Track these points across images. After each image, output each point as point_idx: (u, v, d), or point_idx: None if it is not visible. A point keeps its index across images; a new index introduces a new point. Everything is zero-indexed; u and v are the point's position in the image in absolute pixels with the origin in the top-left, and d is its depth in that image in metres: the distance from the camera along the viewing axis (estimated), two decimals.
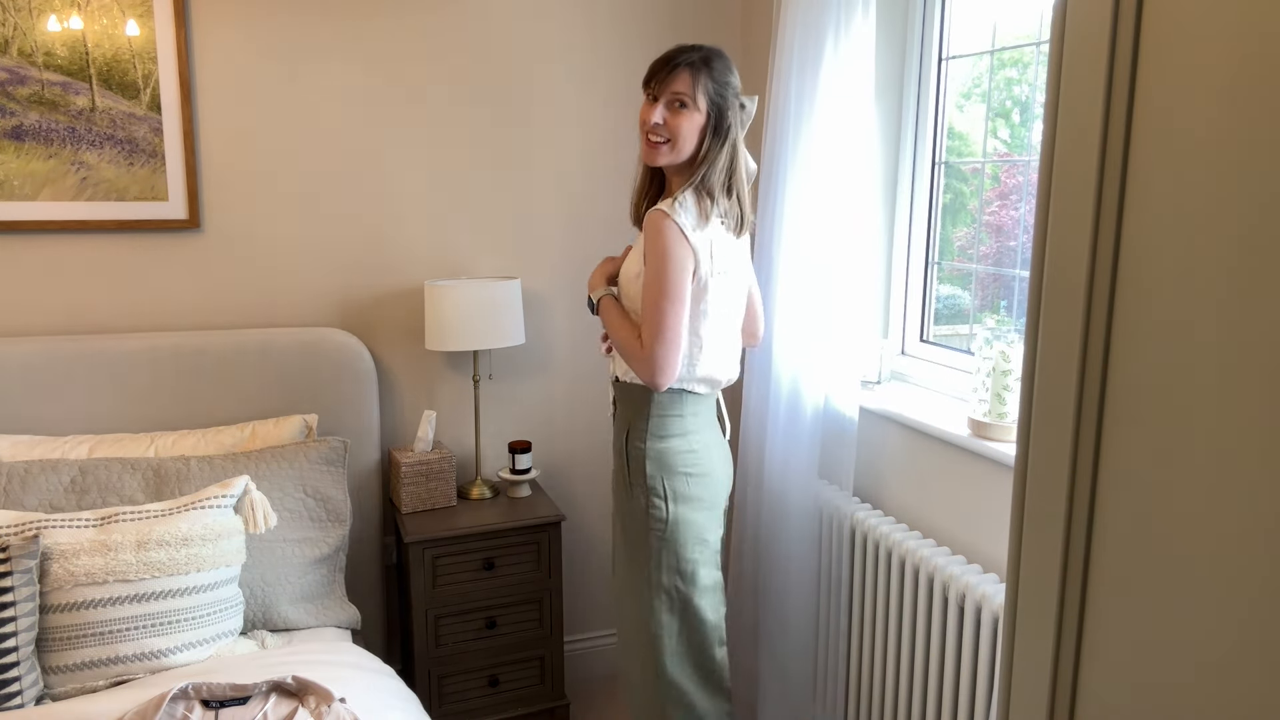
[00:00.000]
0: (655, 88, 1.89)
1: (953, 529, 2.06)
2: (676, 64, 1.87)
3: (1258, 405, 0.65)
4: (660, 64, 1.89)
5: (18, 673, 1.80)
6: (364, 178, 2.60)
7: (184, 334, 2.42)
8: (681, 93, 1.87)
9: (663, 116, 1.88)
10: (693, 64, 1.87)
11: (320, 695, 1.66)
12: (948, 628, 1.91)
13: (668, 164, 1.93)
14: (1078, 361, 0.79)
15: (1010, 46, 2.12)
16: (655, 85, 1.89)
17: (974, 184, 2.28)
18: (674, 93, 1.87)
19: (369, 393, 2.55)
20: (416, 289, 2.68)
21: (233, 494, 2.09)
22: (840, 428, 2.29)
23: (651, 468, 1.98)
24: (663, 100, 1.88)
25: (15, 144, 2.28)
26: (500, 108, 2.69)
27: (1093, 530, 0.80)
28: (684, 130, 1.88)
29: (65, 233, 2.37)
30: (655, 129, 1.88)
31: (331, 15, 2.50)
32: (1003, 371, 1.89)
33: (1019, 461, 0.86)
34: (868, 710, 2.21)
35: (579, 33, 2.72)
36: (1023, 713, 0.88)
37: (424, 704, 2.23)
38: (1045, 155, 0.81)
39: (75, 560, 1.89)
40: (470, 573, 2.51)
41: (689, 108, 1.87)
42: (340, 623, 2.27)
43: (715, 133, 1.90)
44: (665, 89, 1.88)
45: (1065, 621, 0.82)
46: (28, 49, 2.25)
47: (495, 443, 2.83)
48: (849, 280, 2.24)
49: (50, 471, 2.10)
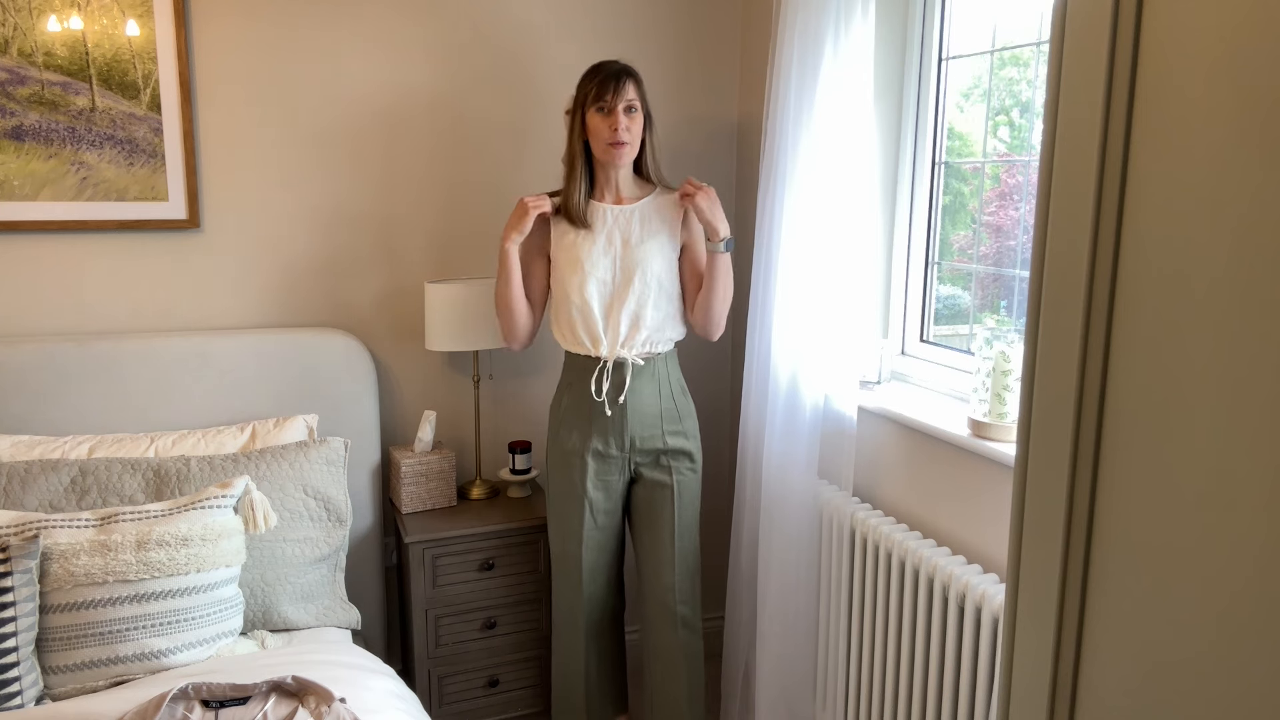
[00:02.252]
0: (611, 100, 2.17)
1: (953, 529, 2.06)
2: (621, 75, 2.19)
3: (1257, 405, 0.65)
4: (610, 79, 2.19)
5: (18, 673, 1.80)
6: (365, 177, 2.60)
7: (184, 334, 2.42)
8: (633, 99, 2.20)
9: (625, 123, 2.19)
10: (630, 74, 2.21)
11: (320, 695, 1.66)
12: (948, 628, 1.90)
13: (627, 162, 2.25)
14: (1078, 361, 0.79)
15: (1010, 46, 2.12)
16: (612, 98, 2.17)
17: (974, 184, 2.28)
18: (628, 101, 2.19)
19: (369, 393, 2.55)
20: (416, 289, 2.68)
21: (233, 494, 2.09)
22: (840, 427, 2.29)
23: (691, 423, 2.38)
24: (620, 108, 2.18)
25: (15, 144, 2.28)
26: (501, 107, 2.69)
27: (1093, 530, 0.80)
28: (637, 131, 2.23)
29: (65, 233, 2.37)
30: (621, 134, 2.19)
31: (331, 15, 2.50)
32: (1003, 371, 1.89)
33: (1019, 461, 0.86)
34: (868, 710, 2.21)
35: (580, 32, 2.72)
36: (1023, 713, 0.88)
37: (424, 704, 2.23)
38: (1045, 155, 0.81)
39: (75, 560, 1.89)
40: (470, 573, 2.51)
41: (638, 111, 2.22)
42: (340, 623, 2.27)
43: (650, 127, 2.28)
44: (620, 99, 2.18)
45: (1065, 621, 0.82)
46: (28, 49, 2.25)
47: (495, 443, 2.83)
48: (849, 280, 2.24)
49: (50, 471, 2.10)
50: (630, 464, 2.33)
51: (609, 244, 2.26)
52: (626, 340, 2.25)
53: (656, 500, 2.34)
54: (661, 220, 2.29)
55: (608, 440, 2.29)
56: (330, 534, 2.29)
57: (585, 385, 2.28)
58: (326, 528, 2.29)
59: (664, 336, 2.30)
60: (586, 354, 2.28)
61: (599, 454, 2.30)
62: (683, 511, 2.34)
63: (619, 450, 2.30)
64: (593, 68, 2.23)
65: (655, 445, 2.31)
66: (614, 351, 2.26)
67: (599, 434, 2.28)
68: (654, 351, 2.29)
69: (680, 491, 2.33)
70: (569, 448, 2.31)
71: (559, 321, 2.32)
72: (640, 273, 2.24)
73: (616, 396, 2.27)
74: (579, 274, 2.24)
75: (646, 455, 2.32)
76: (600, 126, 2.19)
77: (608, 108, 2.17)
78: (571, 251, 2.27)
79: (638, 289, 2.24)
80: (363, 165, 2.59)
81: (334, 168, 2.56)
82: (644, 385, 2.28)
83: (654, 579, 2.36)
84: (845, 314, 2.25)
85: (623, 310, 2.24)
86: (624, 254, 2.25)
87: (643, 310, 2.25)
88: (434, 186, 2.67)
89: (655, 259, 2.26)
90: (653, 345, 2.28)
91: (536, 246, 2.34)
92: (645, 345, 2.27)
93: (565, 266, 2.27)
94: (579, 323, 2.26)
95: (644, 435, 2.30)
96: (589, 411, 2.28)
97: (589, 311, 2.24)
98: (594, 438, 2.29)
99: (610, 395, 2.27)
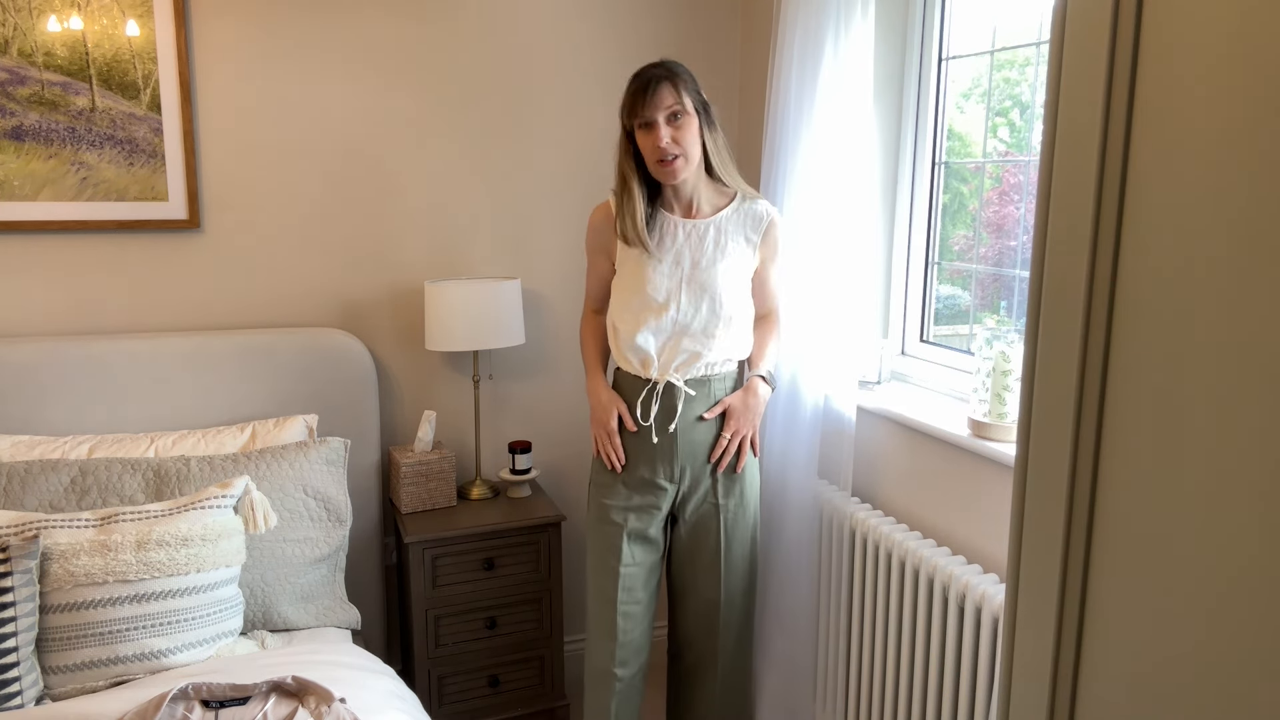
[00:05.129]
0: (645, 113, 1.93)
1: (952, 529, 2.06)
2: (651, 82, 1.93)
3: (1257, 404, 0.65)
4: (638, 91, 1.94)
5: (18, 673, 1.80)
6: (365, 177, 2.60)
7: (184, 334, 2.42)
8: (673, 105, 1.93)
9: (669, 135, 1.93)
10: (665, 77, 1.94)
11: (320, 695, 1.66)
12: (948, 628, 1.91)
13: (686, 175, 1.99)
14: (1078, 361, 0.79)
15: (1010, 46, 2.12)
16: (644, 110, 1.93)
17: (974, 184, 2.28)
18: (668, 108, 1.93)
19: (369, 393, 2.55)
20: (416, 289, 2.68)
21: (233, 494, 2.09)
22: (840, 427, 2.29)
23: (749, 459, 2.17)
24: (660, 119, 1.93)
25: (15, 144, 2.27)
26: (500, 107, 2.69)
27: (1093, 530, 0.80)
28: (688, 139, 1.96)
29: (65, 233, 2.37)
30: (667, 149, 1.93)
31: (332, 15, 2.50)
32: (1003, 371, 1.89)
33: (1019, 461, 0.86)
34: (868, 710, 2.21)
35: (579, 33, 2.72)
36: (1023, 713, 0.88)
37: (424, 704, 2.23)
38: (1045, 155, 0.81)
39: (75, 560, 1.89)
40: (470, 573, 2.51)
41: (684, 115, 1.95)
42: (340, 623, 2.27)
43: (709, 126, 2.01)
44: (657, 109, 1.93)
45: (1065, 621, 0.82)
46: (28, 49, 2.25)
47: (495, 443, 2.83)
48: (849, 280, 2.24)
49: (50, 471, 2.10)
50: (678, 495, 2.11)
51: (675, 266, 2.03)
52: (683, 366, 2.05)
53: (700, 534, 2.14)
54: (738, 238, 2.06)
55: (655, 468, 2.08)
56: (330, 534, 2.29)
57: (632, 406, 2.09)
58: (326, 528, 2.29)
59: (724, 356, 2.08)
60: (635, 374, 2.09)
61: (644, 482, 2.09)
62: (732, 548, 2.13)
63: (667, 480, 2.09)
64: (632, 76, 1.99)
65: (706, 477, 2.11)
66: (665, 375, 2.05)
67: (645, 461, 2.08)
68: (712, 374, 2.08)
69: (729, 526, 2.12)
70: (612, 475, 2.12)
71: (612, 333, 2.11)
72: (709, 299, 2.02)
73: (667, 424, 2.07)
74: (640, 294, 2.03)
75: (695, 488, 2.11)
76: (645, 144, 1.96)
77: (647, 121, 1.94)
78: (636, 267, 2.05)
79: (705, 317, 2.02)
80: (363, 165, 2.59)
81: (334, 167, 2.56)
82: (698, 411, 2.07)
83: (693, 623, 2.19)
84: (845, 314, 2.25)
85: (684, 336, 2.03)
86: (692, 275, 2.03)
87: (708, 339, 2.03)
88: (434, 186, 2.67)
89: (729, 281, 2.04)
90: (711, 369, 2.08)
91: (603, 248, 2.15)
92: (703, 369, 2.07)
93: (628, 281, 2.06)
94: (629, 343, 2.05)
95: (696, 466, 2.09)
96: (634, 436, 2.09)
97: (645, 334, 2.03)
98: (641, 465, 2.09)
99: (660, 422, 2.07)
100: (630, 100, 1.96)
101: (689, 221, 2.05)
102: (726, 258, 2.05)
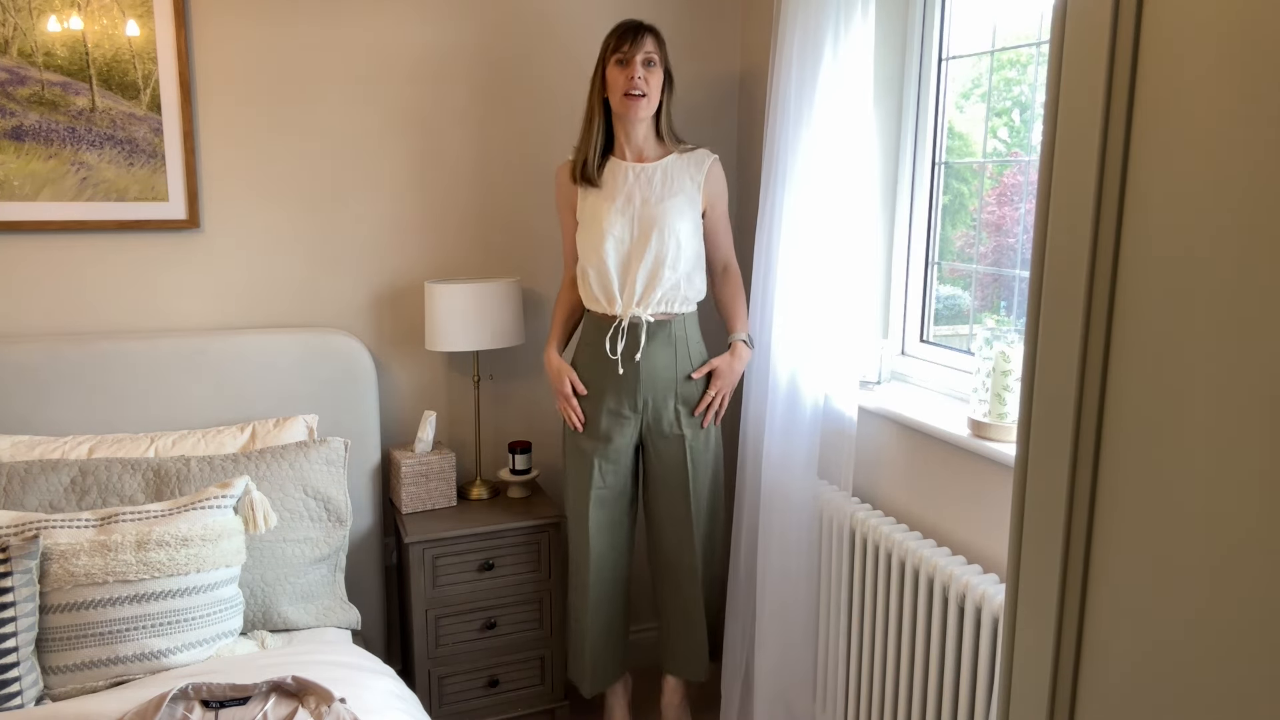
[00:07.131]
0: (629, 50, 2.19)
1: (952, 529, 2.06)
2: (641, 29, 2.22)
3: (1257, 404, 0.65)
4: (629, 31, 2.22)
5: (18, 673, 1.80)
6: (364, 178, 2.60)
7: (184, 334, 2.42)
8: (652, 53, 2.22)
9: (643, 74, 2.20)
10: (651, 30, 2.24)
11: (320, 695, 1.66)
12: (948, 628, 1.90)
13: (645, 116, 2.25)
14: (1078, 361, 0.79)
15: (1010, 46, 2.12)
16: (629, 49, 2.19)
17: (974, 184, 2.28)
18: (646, 53, 2.21)
19: (369, 393, 2.55)
20: (416, 289, 2.68)
21: (233, 494, 2.09)
22: (839, 427, 2.29)
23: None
24: (638, 59, 2.19)
25: (15, 144, 2.27)
26: (501, 107, 2.69)
27: (1093, 530, 0.80)
28: (654, 85, 2.24)
29: (65, 233, 2.37)
30: (637, 84, 2.20)
31: (331, 16, 2.50)
32: (1003, 371, 1.89)
33: (1019, 461, 0.86)
34: (867, 710, 2.21)
35: (578, 32, 2.72)
36: (1023, 713, 0.88)
37: (424, 704, 2.23)
38: (1045, 155, 0.81)
39: (75, 560, 1.89)
40: (470, 573, 2.51)
41: (656, 65, 2.24)
42: (340, 623, 2.27)
43: (669, 90, 2.30)
44: (638, 51, 2.20)
45: (1065, 621, 0.82)
46: (28, 49, 2.25)
47: (495, 443, 2.83)
48: (849, 280, 2.24)
49: (50, 471, 2.10)
50: (642, 425, 2.35)
51: (627, 202, 2.28)
52: (642, 299, 2.27)
53: (668, 460, 2.37)
54: (683, 179, 2.31)
55: (620, 399, 2.32)
56: (330, 534, 2.29)
57: (601, 344, 2.31)
58: (326, 528, 2.29)
59: (682, 295, 2.30)
60: (603, 312, 2.31)
61: (611, 412, 2.33)
62: (698, 472, 2.37)
63: (631, 411, 2.33)
64: (616, 25, 2.26)
65: (668, 408, 2.33)
66: (629, 310, 2.27)
67: (612, 393, 2.32)
68: (672, 312, 2.30)
69: (694, 449, 2.35)
70: (582, 404, 2.36)
71: (581, 279, 2.35)
72: (658, 231, 2.24)
73: (631, 356, 2.29)
74: (597, 232, 2.27)
75: (659, 418, 2.34)
76: (617, 78, 2.21)
77: (626, 58, 2.20)
78: (592, 210, 2.30)
79: (655, 247, 2.24)
80: (362, 164, 2.59)
81: (333, 167, 2.56)
82: (659, 347, 2.30)
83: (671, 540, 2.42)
84: (845, 314, 2.25)
85: (639, 268, 2.25)
86: (642, 212, 2.27)
87: (660, 268, 2.25)
88: (434, 185, 2.67)
89: (675, 217, 2.26)
90: (670, 305, 2.29)
91: (568, 204, 2.39)
92: (662, 305, 2.28)
93: (586, 225, 2.31)
94: (595, 280, 2.29)
95: (657, 397, 2.32)
96: (603, 370, 2.32)
97: (605, 270, 2.27)
98: (607, 396, 2.32)
99: (625, 355, 2.29)
100: (617, 38, 2.22)
101: (638, 165, 2.31)
102: (674, 195, 2.28)
